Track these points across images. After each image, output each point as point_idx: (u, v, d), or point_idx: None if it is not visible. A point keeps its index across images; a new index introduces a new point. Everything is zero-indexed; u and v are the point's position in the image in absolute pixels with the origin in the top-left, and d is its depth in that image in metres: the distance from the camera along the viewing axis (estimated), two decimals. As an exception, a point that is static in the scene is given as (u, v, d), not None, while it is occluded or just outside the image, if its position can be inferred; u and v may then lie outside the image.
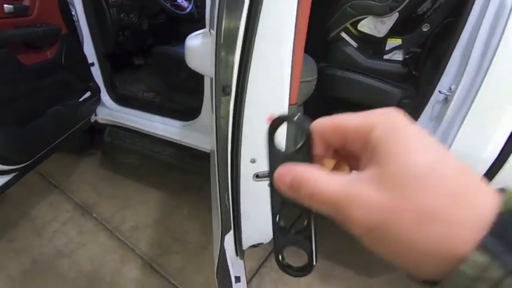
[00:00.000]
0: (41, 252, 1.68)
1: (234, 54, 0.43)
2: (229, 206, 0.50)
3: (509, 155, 1.01)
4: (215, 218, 0.82)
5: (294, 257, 0.28)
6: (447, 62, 1.08)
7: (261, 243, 0.76)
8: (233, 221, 0.51)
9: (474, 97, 0.99)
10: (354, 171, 0.24)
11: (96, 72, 1.96)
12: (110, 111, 2.07)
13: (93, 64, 1.92)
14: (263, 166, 0.53)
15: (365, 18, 1.28)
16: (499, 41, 0.90)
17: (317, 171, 0.22)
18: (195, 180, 2.12)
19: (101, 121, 2.09)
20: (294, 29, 0.46)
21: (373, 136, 0.21)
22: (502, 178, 1.04)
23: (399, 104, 1.30)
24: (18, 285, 1.51)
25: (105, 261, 1.62)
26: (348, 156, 0.24)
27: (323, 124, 0.24)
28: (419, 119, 1.20)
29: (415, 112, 1.22)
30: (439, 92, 1.09)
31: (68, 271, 1.58)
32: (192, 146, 1.80)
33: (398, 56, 1.35)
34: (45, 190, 2.13)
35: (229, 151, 0.45)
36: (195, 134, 1.79)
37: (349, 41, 1.38)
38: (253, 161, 0.53)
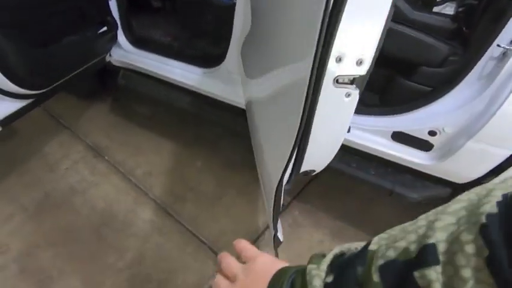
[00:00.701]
0: (53, 187, 1.66)
1: None
2: (303, 118, 0.44)
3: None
4: (270, 150, 0.77)
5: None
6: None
7: (313, 171, 0.72)
8: (301, 140, 0.46)
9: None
10: None
11: (113, 8, 1.83)
12: (125, 52, 1.96)
13: (110, -3, 1.79)
14: (347, 68, 0.47)
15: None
16: None
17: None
18: (208, 134, 2.07)
19: (115, 63, 1.99)
20: None
21: None
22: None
23: (444, 61, 1.22)
24: (31, 214, 1.50)
25: (119, 201, 1.61)
26: None
27: None
28: (465, 78, 1.13)
29: (461, 71, 1.14)
30: (497, 45, 1.01)
31: (81, 207, 1.57)
32: (212, 96, 1.72)
33: (449, 9, 1.25)
34: (55, 129, 2.08)
35: (321, 43, 0.38)
36: (216, 82, 1.70)
37: (397, -12, 1.27)
38: (339, 59, 0.46)
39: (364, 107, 1.38)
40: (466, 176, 1.23)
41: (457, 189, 1.30)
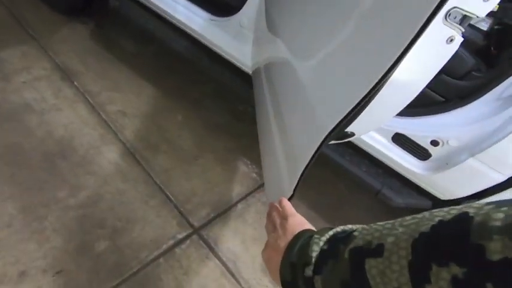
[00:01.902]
0: (3, 97, 1.40)
1: None
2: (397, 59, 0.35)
3: None
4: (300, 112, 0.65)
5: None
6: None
7: (353, 134, 0.63)
8: (373, 87, 0.37)
9: None
10: None
11: None
12: (126, -29, 1.70)
13: None
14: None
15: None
16: None
17: None
18: (195, 89, 1.90)
19: (111, -20, 1.72)
20: None
21: None
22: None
23: (467, 74, 1.19)
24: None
25: (82, 133, 1.40)
26: None
27: None
28: (483, 96, 1.11)
29: (481, 88, 1.12)
30: (528, 70, 0.98)
31: (36, 128, 1.34)
32: (214, 48, 1.56)
33: (484, 24, 1.21)
34: (20, 37, 1.77)
35: None
36: (223, 34, 1.53)
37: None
38: None
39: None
40: (451, 193, 1.23)
41: (437, 204, 1.31)
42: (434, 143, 1.18)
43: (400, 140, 1.26)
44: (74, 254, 1.03)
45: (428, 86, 1.28)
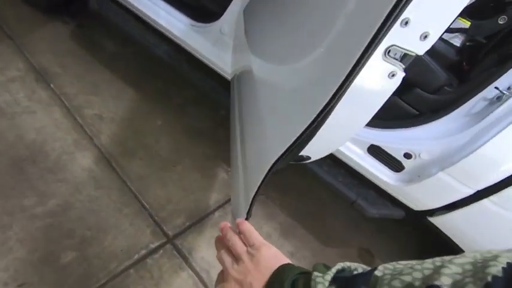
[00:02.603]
0: (-27, 100, 1.35)
1: None
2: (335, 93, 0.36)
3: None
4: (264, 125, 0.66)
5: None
6: (517, 62, 0.99)
7: (309, 158, 0.63)
8: (321, 116, 0.37)
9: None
10: None
11: None
12: (107, -27, 1.67)
13: None
14: (408, 37, 0.39)
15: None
16: None
17: None
18: (177, 94, 1.88)
19: (90, -19, 1.69)
20: None
21: None
22: (509, 193, 1.03)
23: (439, 89, 1.22)
24: None
25: (55, 138, 1.37)
26: None
27: None
28: (454, 111, 1.14)
29: (452, 103, 1.14)
30: (495, 88, 1.01)
31: (5, 131, 1.30)
32: (194, 53, 1.55)
33: (457, 40, 1.25)
34: (-7, 35, 1.71)
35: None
36: (203, 41, 1.52)
37: (417, 2, 1.22)
38: (404, 22, 0.37)
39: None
40: (423, 205, 1.26)
41: (410, 214, 1.34)
42: (407, 155, 1.20)
43: (375, 151, 1.27)
44: (38, 266, 0.99)
45: (404, 99, 1.31)
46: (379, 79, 0.45)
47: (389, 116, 1.31)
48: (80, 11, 2.05)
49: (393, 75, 0.45)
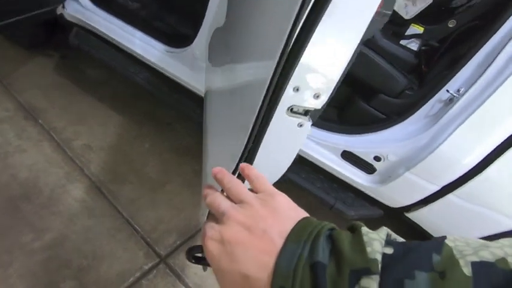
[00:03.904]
0: (-33, 146, 1.43)
1: None
2: (251, 137, 0.42)
3: (484, 169, 1.06)
4: (217, 154, 0.74)
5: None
6: (464, 64, 1.06)
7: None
8: (249, 153, 0.44)
9: (479, 106, 1.00)
10: None
11: (74, -46, 1.61)
12: (83, 9, 1.74)
13: None
14: (303, 99, 0.46)
15: (400, -8, 1.20)
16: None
17: None
18: (162, 115, 1.95)
19: (68, 17, 1.76)
20: None
21: None
22: (469, 187, 1.11)
23: (400, 93, 1.29)
24: None
25: (47, 173, 1.44)
26: None
27: None
28: (414, 114, 1.21)
29: (412, 106, 1.22)
30: (446, 91, 1.09)
31: (-1, 173, 1.38)
32: (173, 77, 1.62)
33: (414, 45, 1.32)
34: (-19, 78, 1.79)
35: (280, 70, 0.36)
36: (178, 64, 1.60)
37: (373, 13, 1.30)
38: (296, 89, 0.44)
39: (321, 121, 1.41)
40: (398, 202, 1.33)
41: (389, 212, 1.41)
42: (377, 158, 1.27)
43: (348, 156, 1.35)
44: (40, 298, 1.08)
45: (370, 104, 1.39)
46: (290, 129, 0.51)
47: (360, 122, 1.39)
48: (63, 42, 2.14)
49: (301, 125, 0.52)
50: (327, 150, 1.37)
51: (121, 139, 1.77)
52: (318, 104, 0.49)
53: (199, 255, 0.48)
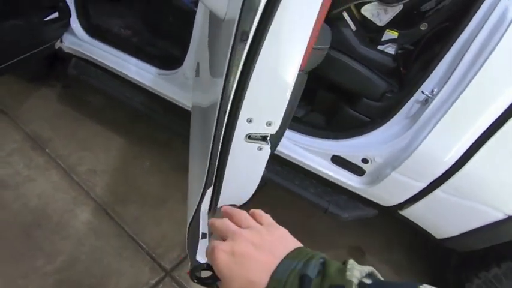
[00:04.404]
0: (-20, 179, 1.53)
1: (260, 1, 0.38)
2: (215, 162, 0.48)
3: (465, 163, 1.10)
4: (195, 171, 0.81)
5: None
6: (436, 65, 1.11)
7: (234, 205, 0.76)
8: (216, 178, 0.49)
9: (452, 105, 1.04)
10: None
11: (66, -9, 1.72)
12: (79, 40, 1.85)
13: (64, -20, 1.68)
14: (258, 127, 0.52)
15: (371, 2, 1.26)
16: (490, 53, 0.94)
17: None
18: (160, 134, 2.04)
19: (66, 50, 1.87)
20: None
21: None
22: (453, 182, 1.14)
23: (381, 96, 1.34)
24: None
25: (55, 199, 1.53)
26: None
27: None
28: (396, 114, 1.26)
29: (393, 108, 1.26)
30: (422, 92, 1.14)
31: (11, 203, 1.47)
32: (166, 98, 1.71)
33: (391, 49, 1.37)
34: (-10, 114, 1.91)
35: (229, 106, 0.42)
36: (171, 86, 1.68)
37: (349, 22, 1.35)
38: (249, 120, 0.50)
39: (310, 128, 1.47)
40: (389, 201, 1.37)
41: (383, 211, 1.45)
42: (364, 160, 1.32)
43: (338, 160, 1.40)
44: (54, 318, 1.15)
45: (354, 109, 1.44)
46: (251, 153, 0.57)
47: (346, 127, 1.44)
48: (64, 72, 2.25)
49: (261, 149, 0.58)
50: (317, 156, 1.43)
51: (123, 161, 1.86)
52: (272, 129, 0.55)
53: (203, 274, 0.52)
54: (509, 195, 1.12)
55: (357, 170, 1.37)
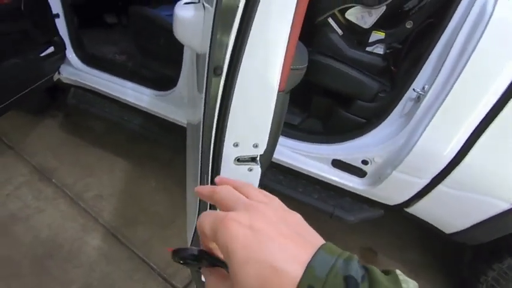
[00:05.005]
0: (-9, 215, 1.57)
1: (229, 34, 0.40)
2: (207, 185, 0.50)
3: (465, 156, 1.10)
4: (191, 192, 0.82)
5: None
6: (424, 62, 1.12)
7: None
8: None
9: (443, 100, 1.05)
10: None
11: (61, 25, 1.78)
12: (76, 70, 1.91)
13: (57, 16, 1.74)
14: (245, 150, 0.54)
15: (354, 6, 1.28)
16: (474, 47, 0.95)
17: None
18: (163, 153, 2.07)
19: (65, 80, 1.93)
20: (293, 11, 0.45)
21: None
22: (455, 175, 1.14)
23: (375, 97, 1.35)
24: (-35, 248, 1.41)
25: (65, 228, 1.56)
26: None
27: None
28: (391, 114, 1.26)
29: (387, 108, 1.27)
30: (413, 90, 1.14)
31: (22, 236, 1.50)
32: (165, 118, 1.74)
33: (379, 49, 1.38)
34: (-3, 150, 1.96)
35: (213, 133, 0.44)
36: (168, 106, 1.72)
37: (335, 27, 1.37)
38: (236, 144, 0.52)
39: (308, 135, 1.48)
40: (394, 200, 1.37)
41: (389, 210, 1.44)
42: (365, 162, 1.32)
43: (338, 164, 1.40)
44: None
45: (350, 112, 1.45)
46: (242, 174, 0.59)
47: (343, 130, 1.45)
48: (64, 101, 2.31)
49: (251, 170, 0.59)
50: (317, 161, 1.43)
51: (128, 182, 1.88)
52: (259, 150, 0.56)
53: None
54: (512, 184, 1.11)
55: (358, 172, 1.38)
